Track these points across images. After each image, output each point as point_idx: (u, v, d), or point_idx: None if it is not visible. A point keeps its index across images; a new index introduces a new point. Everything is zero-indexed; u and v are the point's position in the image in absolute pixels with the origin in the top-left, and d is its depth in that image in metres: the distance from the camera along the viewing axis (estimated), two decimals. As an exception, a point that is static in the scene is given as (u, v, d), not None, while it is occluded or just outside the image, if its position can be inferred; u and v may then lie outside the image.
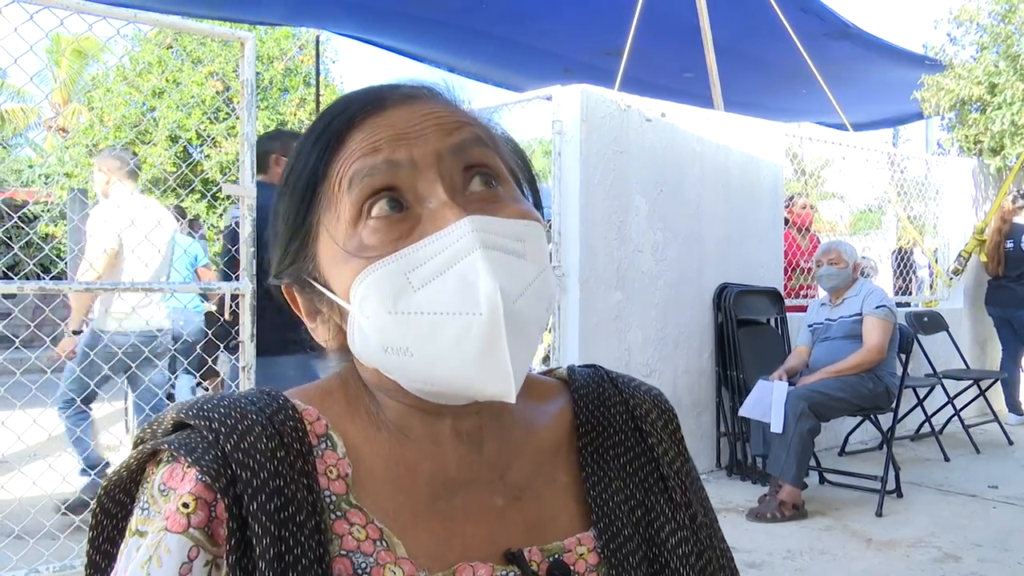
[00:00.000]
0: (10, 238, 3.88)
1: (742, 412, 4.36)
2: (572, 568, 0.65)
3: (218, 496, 0.57)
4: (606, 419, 0.74)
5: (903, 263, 7.60)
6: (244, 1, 6.66)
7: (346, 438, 0.64)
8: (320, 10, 6.98)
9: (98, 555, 0.64)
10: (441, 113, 0.63)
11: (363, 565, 0.59)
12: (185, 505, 0.56)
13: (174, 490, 0.58)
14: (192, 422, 0.61)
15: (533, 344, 0.60)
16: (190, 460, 0.58)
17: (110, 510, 0.63)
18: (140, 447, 0.62)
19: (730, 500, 4.30)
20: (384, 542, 0.60)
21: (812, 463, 4.40)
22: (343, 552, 0.59)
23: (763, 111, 8.91)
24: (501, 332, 0.55)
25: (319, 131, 0.63)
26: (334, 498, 0.61)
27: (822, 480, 4.67)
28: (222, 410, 0.61)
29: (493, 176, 0.63)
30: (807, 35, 6.31)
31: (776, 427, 4.07)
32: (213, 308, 5.20)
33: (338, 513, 0.60)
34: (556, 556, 0.65)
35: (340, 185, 0.61)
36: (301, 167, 0.64)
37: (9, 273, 8.21)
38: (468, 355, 0.56)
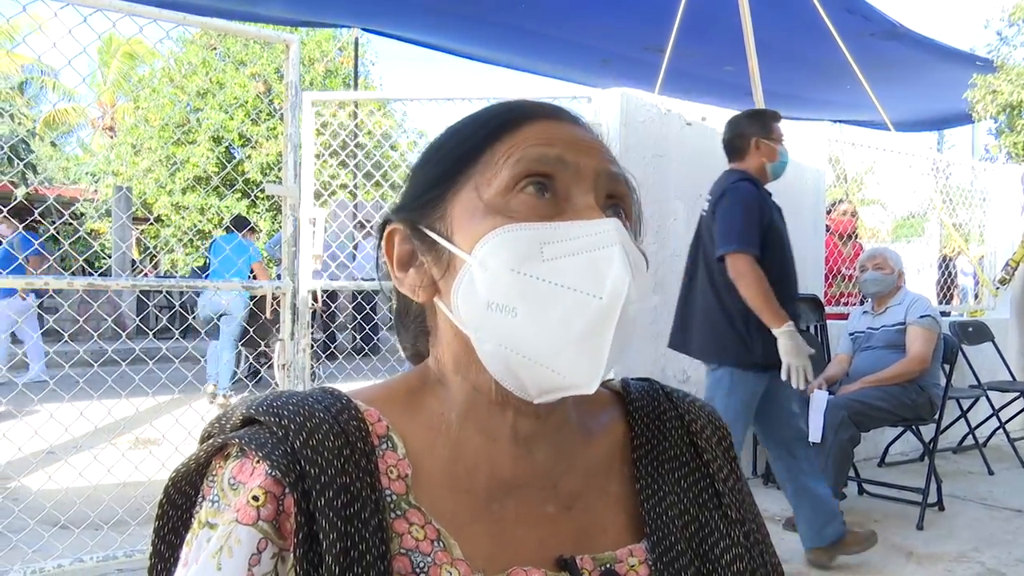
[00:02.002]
0: (58, 234, 3.97)
1: (813, 438, 4.05)
2: None
3: (287, 490, 0.59)
4: (661, 433, 0.74)
5: (947, 271, 7.44)
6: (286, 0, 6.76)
7: (406, 439, 0.65)
8: (361, 9, 7.06)
9: (163, 544, 0.66)
10: (603, 147, 0.69)
11: (421, 564, 0.60)
12: (255, 498, 0.58)
13: (244, 484, 0.60)
14: (262, 418, 0.62)
15: (624, 350, 0.62)
16: (260, 455, 0.60)
17: (176, 501, 0.65)
18: (209, 441, 0.65)
19: (766, 509, 4.24)
20: (441, 542, 0.61)
21: (851, 473, 4.32)
22: (402, 550, 0.60)
23: (805, 103, 8.80)
24: (613, 320, 0.58)
25: (500, 111, 0.68)
26: (394, 497, 0.62)
27: (861, 491, 4.59)
28: (291, 408, 0.62)
29: (626, 212, 0.68)
30: (853, 35, 6.21)
31: (815, 436, 4.00)
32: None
33: (398, 512, 0.61)
34: (608, 565, 0.65)
35: (506, 158, 0.64)
36: (466, 135, 0.67)
37: (58, 268, 8.43)
38: (572, 333, 0.58)
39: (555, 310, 0.58)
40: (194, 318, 6.53)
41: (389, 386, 0.71)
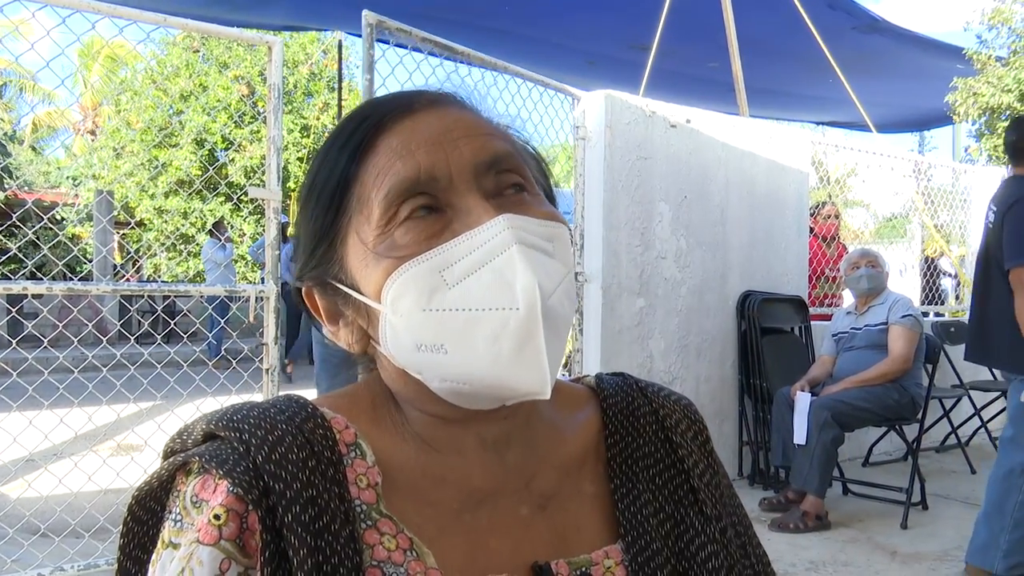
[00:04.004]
0: (38, 239, 3.92)
1: (797, 440, 4.10)
2: None
3: (249, 507, 0.57)
4: (635, 429, 0.73)
5: (929, 272, 7.51)
6: (269, 4, 6.74)
7: (374, 447, 0.64)
8: (344, 13, 7.05)
9: (128, 561, 0.65)
10: (469, 121, 0.64)
11: (394, 575, 0.59)
12: (216, 517, 0.56)
13: (206, 501, 0.58)
14: (222, 433, 0.61)
15: (564, 342, 0.60)
16: (221, 472, 0.58)
17: (141, 517, 0.64)
18: (171, 459, 0.63)
19: (752, 510, 4.25)
20: (414, 552, 0.60)
21: (835, 473, 4.34)
22: (374, 562, 0.58)
23: (788, 100, 8.87)
24: (539, 327, 0.55)
25: (348, 134, 0.64)
26: (365, 507, 0.60)
27: (845, 491, 4.61)
28: (251, 421, 0.61)
29: (521, 182, 0.64)
30: (835, 30, 6.27)
31: (799, 438, 4.02)
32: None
33: (368, 522, 0.60)
34: (583, 570, 0.64)
35: (372, 188, 0.61)
36: (329, 170, 0.64)
37: (38, 273, 8.34)
38: (504, 351, 0.56)
39: (480, 335, 0.56)
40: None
41: (354, 393, 0.69)
